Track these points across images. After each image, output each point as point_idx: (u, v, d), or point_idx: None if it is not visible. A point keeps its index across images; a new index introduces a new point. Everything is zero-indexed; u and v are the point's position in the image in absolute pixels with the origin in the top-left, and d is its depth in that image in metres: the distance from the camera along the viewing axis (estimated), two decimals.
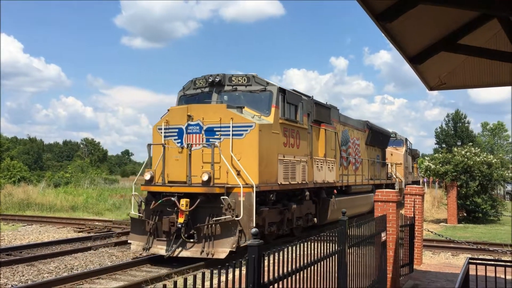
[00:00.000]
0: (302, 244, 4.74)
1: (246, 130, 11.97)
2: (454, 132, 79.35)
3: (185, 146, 12.05)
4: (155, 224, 11.77)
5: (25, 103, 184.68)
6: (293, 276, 4.52)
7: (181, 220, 11.28)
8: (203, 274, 3.12)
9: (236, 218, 11.12)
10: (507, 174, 22.98)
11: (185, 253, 11.34)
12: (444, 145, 74.14)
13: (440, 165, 22.63)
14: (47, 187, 36.73)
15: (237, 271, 3.57)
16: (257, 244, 3.80)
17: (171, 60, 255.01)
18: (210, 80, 13.23)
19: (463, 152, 22.54)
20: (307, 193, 14.73)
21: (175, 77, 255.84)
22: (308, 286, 4.87)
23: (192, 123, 12.32)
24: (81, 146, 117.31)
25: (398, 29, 4.96)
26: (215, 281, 3.38)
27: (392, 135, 27.15)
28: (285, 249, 4.42)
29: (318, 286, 5.18)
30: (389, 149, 26.13)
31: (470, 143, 27.72)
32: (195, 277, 3.11)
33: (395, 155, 27.16)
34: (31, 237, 17.03)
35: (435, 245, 14.53)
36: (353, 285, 6.47)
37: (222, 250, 11.02)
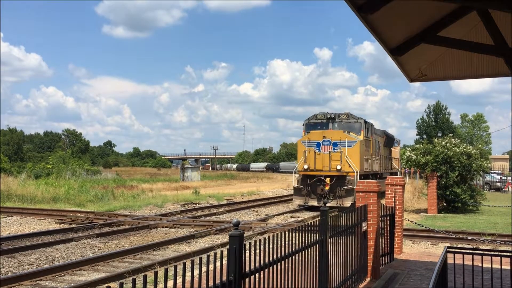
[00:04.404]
0: (284, 234, 4.77)
1: (353, 143, 22.62)
2: (435, 123, 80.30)
3: (322, 151, 22.82)
4: (309, 191, 22.68)
5: (5, 93, 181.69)
6: (275, 266, 4.56)
7: (326, 188, 22.24)
8: (184, 264, 3.12)
9: (353, 187, 20.68)
10: (486, 165, 23.35)
11: (328, 204, 20.63)
12: (425, 136, 75.03)
13: (421, 155, 22.89)
14: (28, 178, 36.22)
15: (218, 262, 3.59)
16: (239, 234, 3.82)
17: (154, 50, 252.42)
18: (328, 116, 23.77)
19: (443, 143, 22.82)
20: (370, 176, 24.42)
21: (158, 67, 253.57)
22: (290, 275, 4.91)
23: (325, 140, 22.91)
24: (63, 137, 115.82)
25: (379, 20, 4.98)
26: (196, 272, 3.39)
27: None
28: (267, 239, 4.44)
29: (300, 276, 5.23)
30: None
31: (451, 134, 28.06)
32: (175, 267, 3.12)
33: (393, 152, 35.25)
34: (11, 229, 16.83)
35: (415, 234, 14.75)
36: (334, 274, 6.54)
37: (346, 202, 21.67)
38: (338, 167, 22.12)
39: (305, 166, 22.79)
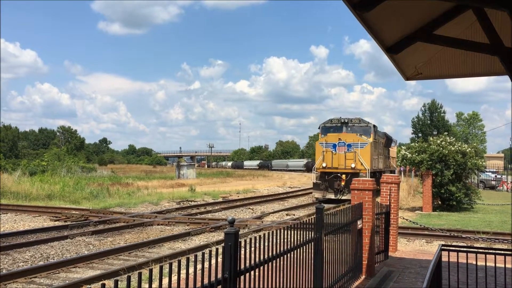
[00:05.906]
0: (279, 232, 4.78)
1: (365, 145, 25.78)
2: (430, 122, 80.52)
3: (338, 152, 25.79)
4: (326, 186, 25.89)
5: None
6: (270, 263, 4.56)
7: (342, 183, 25.37)
8: (179, 262, 3.13)
9: None
10: (480, 163, 23.42)
11: (344, 197, 24.87)
12: (420, 135, 75.20)
13: (416, 154, 22.94)
14: (23, 175, 36.04)
15: (213, 260, 3.59)
16: (234, 231, 3.81)
17: (151, 46, 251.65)
18: (342, 121, 26.95)
19: (438, 141, 22.87)
20: (377, 174, 26.95)
21: (154, 64, 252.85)
22: (285, 273, 4.92)
23: (340, 141, 25.99)
24: (58, 134, 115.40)
25: (375, 18, 4.97)
26: (191, 270, 3.39)
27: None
28: (263, 236, 4.44)
29: (295, 273, 5.24)
30: None
31: (446, 133, 28.20)
32: (170, 265, 3.12)
33: (391, 151, 37.58)
34: (6, 226, 16.77)
35: (410, 232, 14.80)
36: (330, 272, 6.56)
37: None
38: (352, 165, 25.35)
39: (323, 164, 26.18)
